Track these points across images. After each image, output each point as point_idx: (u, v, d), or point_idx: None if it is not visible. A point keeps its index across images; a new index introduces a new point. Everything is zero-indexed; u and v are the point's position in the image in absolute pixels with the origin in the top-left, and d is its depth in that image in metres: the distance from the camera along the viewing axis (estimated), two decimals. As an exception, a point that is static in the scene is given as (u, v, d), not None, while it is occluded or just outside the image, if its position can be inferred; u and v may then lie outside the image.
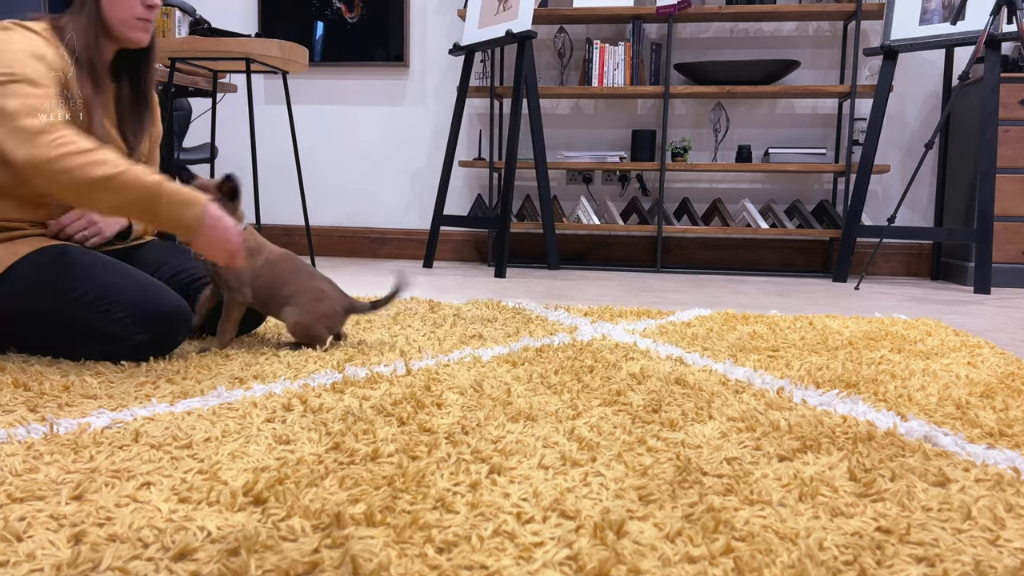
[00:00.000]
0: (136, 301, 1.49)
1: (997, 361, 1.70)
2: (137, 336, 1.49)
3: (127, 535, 0.75)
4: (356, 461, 0.96)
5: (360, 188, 4.57)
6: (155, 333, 1.51)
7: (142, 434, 1.05)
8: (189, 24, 3.23)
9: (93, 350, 1.51)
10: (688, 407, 1.25)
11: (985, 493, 0.90)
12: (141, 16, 1.60)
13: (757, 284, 3.50)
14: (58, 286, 1.50)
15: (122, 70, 1.68)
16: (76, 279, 1.50)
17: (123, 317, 1.48)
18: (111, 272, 1.53)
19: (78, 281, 1.50)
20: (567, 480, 0.91)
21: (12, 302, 1.51)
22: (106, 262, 1.55)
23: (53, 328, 1.51)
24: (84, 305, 1.49)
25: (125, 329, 1.48)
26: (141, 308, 1.49)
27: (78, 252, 1.56)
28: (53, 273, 1.51)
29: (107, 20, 1.58)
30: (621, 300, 2.76)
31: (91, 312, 1.49)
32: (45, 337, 1.53)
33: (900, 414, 1.25)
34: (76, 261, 1.53)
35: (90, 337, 1.50)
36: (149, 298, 1.51)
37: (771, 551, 0.74)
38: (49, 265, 1.52)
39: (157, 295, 1.52)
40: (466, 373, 1.46)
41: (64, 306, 1.49)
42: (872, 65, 4.09)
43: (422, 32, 4.42)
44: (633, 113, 4.30)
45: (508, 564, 0.70)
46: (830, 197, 4.18)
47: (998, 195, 3.56)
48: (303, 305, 1.66)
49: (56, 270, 1.51)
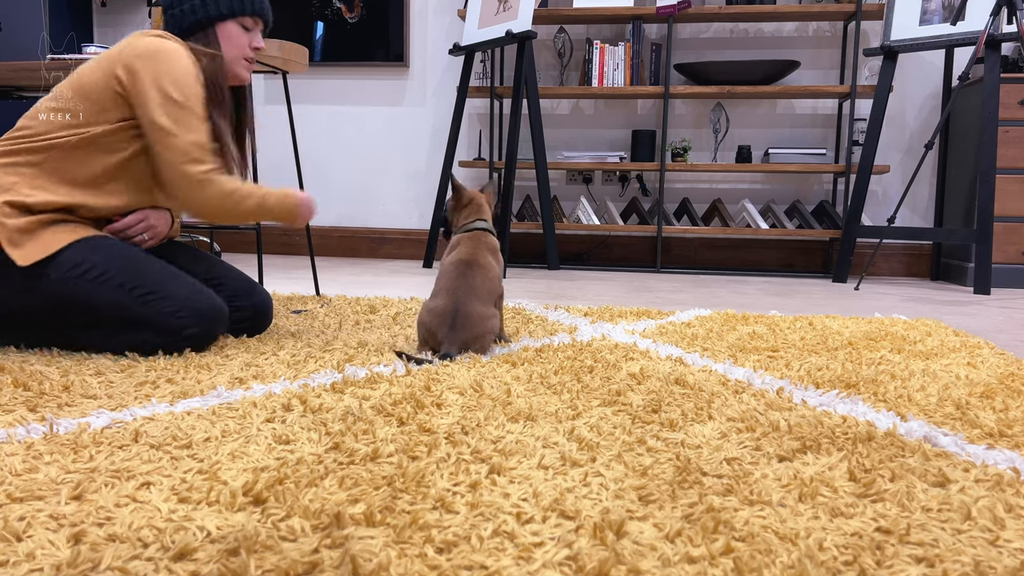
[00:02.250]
0: (187, 296, 1.60)
1: (997, 361, 1.69)
2: (190, 328, 1.59)
3: (127, 535, 0.75)
4: (356, 461, 0.96)
5: (360, 188, 4.57)
6: (205, 327, 1.61)
7: (142, 434, 1.05)
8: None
9: (141, 338, 1.58)
10: (688, 407, 1.25)
11: (985, 493, 0.90)
12: (248, 56, 1.76)
13: (757, 284, 3.50)
14: (111, 277, 1.57)
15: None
16: (127, 272, 1.59)
17: (176, 311, 1.58)
18: (159, 268, 1.62)
19: (130, 274, 1.59)
20: (567, 480, 0.91)
21: (64, 288, 1.56)
22: (153, 259, 1.65)
23: (106, 314, 1.57)
24: (136, 296, 1.57)
25: (180, 320, 1.58)
26: (192, 304, 1.60)
27: (125, 247, 1.64)
28: (104, 263, 1.58)
29: (223, 56, 1.72)
30: (621, 300, 2.76)
31: (141, 304, 1.57)
32: (96, 323, 1.59)
33: (900, 414, 1.25)
34: (124, 254, 1.61)
35: (141, 326, 1.57)
36: (198, 295, 1.62)
37: (771, 551, 0.74)
38: (99, 255, 1.58)
39: (205, 293, 1.64)
40: (466, 373, 1.46)
41: (118, 295, 1.56)
42: (872, 65, 4.09)
43: (422, 32, 4.42)
44: (633, 113, 4.30)
45: (508, 564, 0.70)
46: (830, 197, 4.18)
47: (998, 195, 3.56)
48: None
49: (107, 261, 1.58)
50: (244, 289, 1.82)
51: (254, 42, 1.76)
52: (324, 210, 4.60)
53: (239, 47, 1.74)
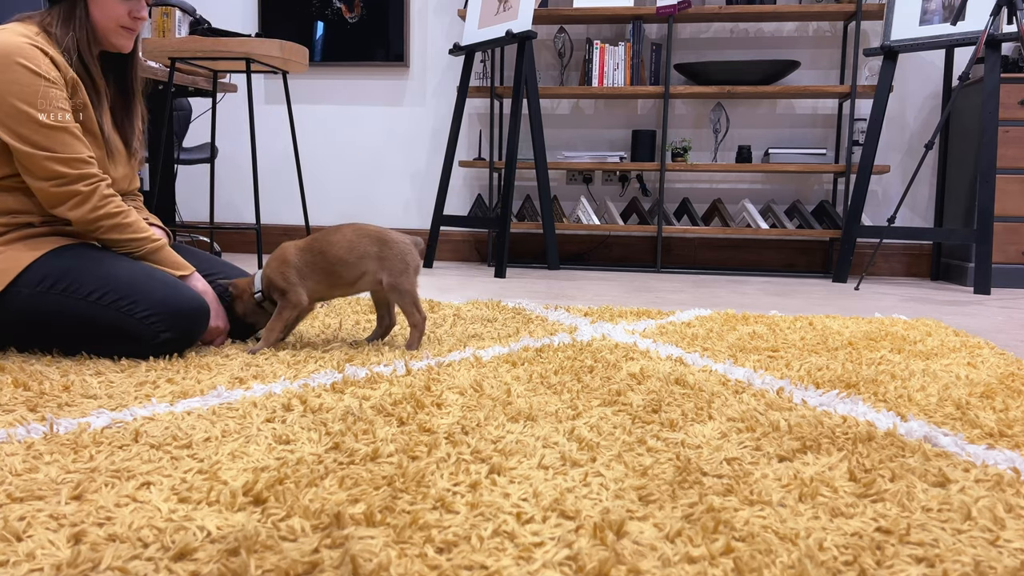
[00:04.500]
0: (160, 300, 1.53)
1: (997, 361, 1.69)
2: (163, 334, 1.53)
3: (127, 535, 0.75)
4: (356, 461, 0.96)
5: (360, 188, 4.57)
6: (180, 330, 1.55)
7: (142, 434, 1.05)
8: (189, 24, 3.23)
9: (118, 348, 1.54)
10: (688, 407, 1.25)
11: (985, 493, 0.90)
12: (126, 26, 1.64)
13: (757, 284, 3.50)
14: (80, 287, 1.52)
15: (107, 72, 1.71)
16: (97, 279, 1.53)
17: (148, 315, 1.52)
18: (131, 271, 1.56)
19: (100, 281, 1.52)
20: (567, 480, 0.91)
21: (34, 302, 1.52)
22: (125, 261, 1.59)
23: (77, 328, 1.53)
24: (107, 305, 1.51)
25: (151, 327, 1.52)
26: (166, 306, 1.53)
27: (96, 252, 1.59)
28: (73, 273, 1.53)
29: (93, 25, 1.61)
30: (621, 300, 2.76)
31: (114, 311, 1.51)
32: (71, 337, 1.55)
33: (900, 414, 1.25)
34: (95, 261, 1.56)
35: (115, 335, 1.52)
36: (172, 296, 1.54)
37: (771, 551, 0.74)
38: (68, 266, 1.54)
39: (180, 293, 1.56)
40: (466, 373, 1.46)
41: (87, 306, 1.51)
42: (872, 65, 4.09)
43: (422, 32, 4.42)
44: (633, 113, 4.30)
45: (508, 564, 0.70)
46: (830, 197, 4.18)
47: (998, 195, 3.56)
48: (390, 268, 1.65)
49: (76, 271, 1.53)
50: None
51: (134, 11, 1.63)
52: (324, 210, 4.61)
53: (114, 17, 1.61)
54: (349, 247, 1.63)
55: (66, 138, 1.53)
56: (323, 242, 1.64)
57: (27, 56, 1.50)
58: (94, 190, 1.56)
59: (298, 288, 1.63)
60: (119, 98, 1.73)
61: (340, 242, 1.63)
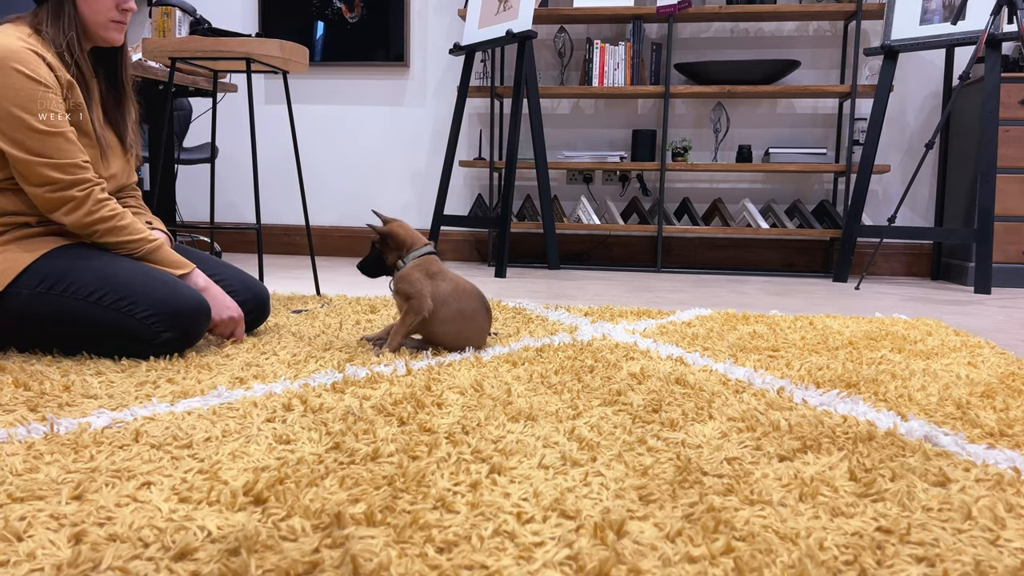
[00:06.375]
0: (160, 299, 1.53)
1: (997, 361, 1.69)
2: (163, 334, 1.53)
3: (127, 535, 0.75)
4: (356, 461, 0.96)
5: (360, 188, 4.57)
6: (180, 330, 1.55)
7: (142, 434, 1.05)
8: (189, 24, 3.23)
9: (119, 348, 1.54)
10: (688, 407, 1.25)
11: (985, 493, 0.90)
12: (116, 19, 1.64)
13: (757, 284, 3.50)
14: (79, 287, 1.53)
15: (97, 67, 1.71)
16: (97, 279, 1.53)
17: (148, 316, 1.52)
18: (130, 271, 1.56)
19: (100, 281, 1.53)
20: (567, 480, 0.91)
21: (34, 303, 1.52)
22: (124, 261, 1.59)
23: (77, 328, 1.53)
24: (107, 305, 1.52)
25: (151, 327, 1.52)
26: (165, 306, 1.53)
27: (95, 252, 1.59)
28: (72, 274, 1.53)
29: (83, 21, 1.61)
30: (621, 300, 2.76)
31: (114, 312, 1.52)
32: (71, 337, 1.55)
33: (900, 414, 1.25)
34: (94, 261, 1.56)
35: (115, 336, 1.53)
36: (171, 296, 1.55)
37: (771, 551, 0.74)
38: (67, 266, 1.54)
39: (179, 292, 1.56)
40: (466, 373, 1.46)
41: (87, 307, 1.52)
42: (872, 65, 4.09)
43: (422, 32, 4.42)
44: (633, 113, 4.30)
45: (508, 564, 0.70)
46: (830, 197, 4.18)
47: (998, 195, 3.56)
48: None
49: (75, 271, 1.54)
50: (242, 282, 1.82)
51: (122, 3, 1.62)
52: (324, 210, 4.60)
53: (102, 11, 1.61)
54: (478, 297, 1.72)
55: (61, 143, 1.53)
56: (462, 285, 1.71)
57: (24, 61, 1.50)
58: (88, 195, 1.56)
59: (427, 298, 1.65)
60: (110, 93, 1.73)
61: (473, 292, 1.70)
